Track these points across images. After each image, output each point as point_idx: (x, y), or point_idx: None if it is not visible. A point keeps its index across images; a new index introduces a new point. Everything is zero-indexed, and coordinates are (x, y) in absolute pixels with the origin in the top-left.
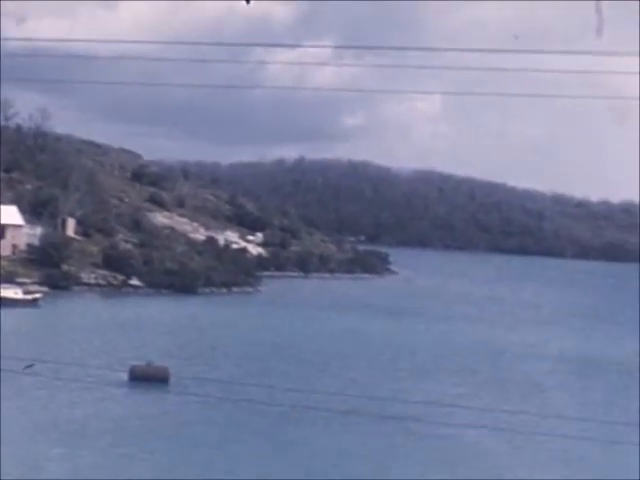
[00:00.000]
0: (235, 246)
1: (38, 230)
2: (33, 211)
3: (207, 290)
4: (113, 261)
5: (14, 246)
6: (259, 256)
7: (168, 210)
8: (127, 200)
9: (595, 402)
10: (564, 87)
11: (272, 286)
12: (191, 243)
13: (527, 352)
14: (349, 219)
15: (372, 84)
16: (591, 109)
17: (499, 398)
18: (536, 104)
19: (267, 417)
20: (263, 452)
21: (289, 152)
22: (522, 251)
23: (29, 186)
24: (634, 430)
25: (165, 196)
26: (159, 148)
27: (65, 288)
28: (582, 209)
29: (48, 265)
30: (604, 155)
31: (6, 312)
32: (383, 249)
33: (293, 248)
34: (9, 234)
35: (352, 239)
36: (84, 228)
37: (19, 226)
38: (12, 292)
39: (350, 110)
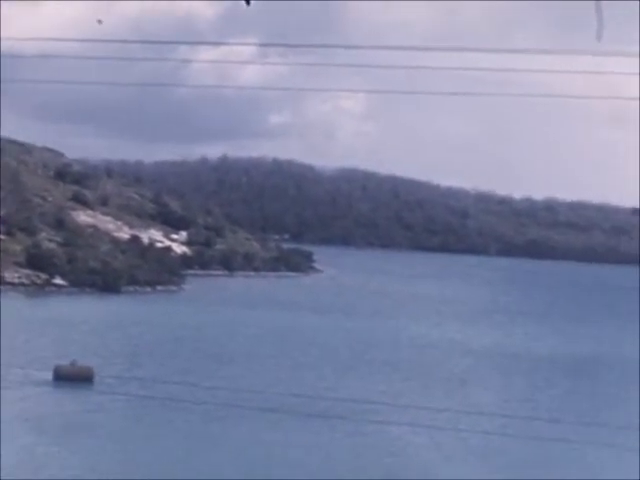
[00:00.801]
0: (159, 245)
1: None
2: None
3: (131, 289)
4: (36, 260)
5: None
6: (183, 255)
7: (92, 209)
8: (50, 199)
9: (516, 398)
10: (487, 85)
11: (196, 285)
12: (115, 242)
13: (451, 348)
14: (273, 217)
15: (297, 82)
16: (514, 107)
17: (423, 394)
18: (460, 102)
19: (191, 415)
20: (186, 449)
21: (213, 150)
22: (445, 249)
23: None
24: (553, 426)
25: (89, 195)
26: (83, 147)
27: None
28: (505, 207)
29: None
30: (527, 153)
31: None
32: (307, 247)
33: (217, 247)
34: None
35: (276, 237)
36: (7, 227)
37: None
38: None
39: (275, 108)
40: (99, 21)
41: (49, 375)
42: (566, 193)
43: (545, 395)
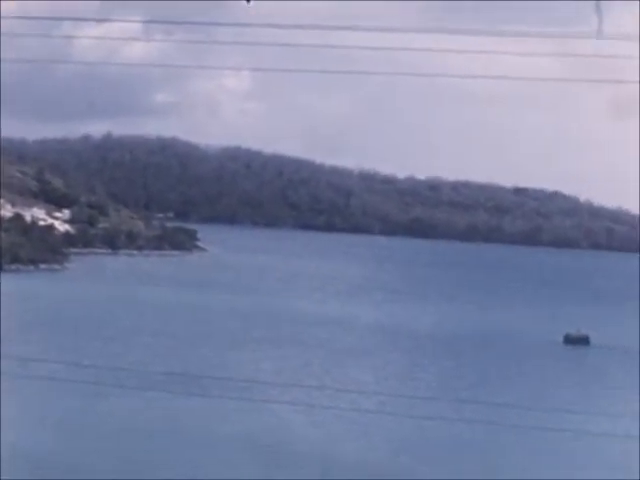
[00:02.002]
0: (42, 223)
1: None
2: None
3: (13, 267)
4: None
5: None
6: (66, 233)
7: None
8: None
9: (396, 376)
10: (371, 64)
11: (80, 263)
12: None
13: (333, 325)
14: (157, 196)
15: (181, 60)
16: (398, 86)
17: (304, 372)
18: (344, 81)
19: (71, 393)
20: (66, 428)
21: (97, 128)
22: (330, 228)
23: None
24: (432, 404)
25: None
26: None
27: None
28: (389, 186)
29: None
30: (411, 132)
31: None
32: (192, 226)
33: (101, 225)
34: None
35: (160, 216)
36: None
37: None
38: None
39: (159, 87)
40: None
41: None
42: (449, 173)
43: (424, 373)
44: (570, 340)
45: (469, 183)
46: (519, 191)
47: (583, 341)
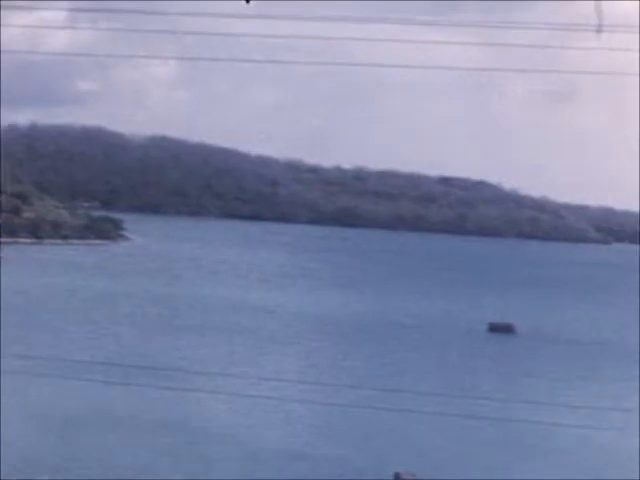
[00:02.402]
0: None
1: None
2: None
3: None
4: None
5: None
6: None
7: None
8: None
9: (320, 364)
10: (296, 54)
11: (4, 253)
12: None
13: (258, 313)
14: (83, 185)
15: (107, 49)
16: (323, 77)
17: (228, 360)
18: (270, 71)
19: None
20: None
21: (22, 118)
22: (256, 217)
23: None
24: (354, 391)
25: None
26: None
27: None
28: (315, 175)
29: None
30: (337, 122)
31: None
32: (117, 215)
33: (25, 214)
34: None
35: (86, 205)
36: None
37: None
38: None
39: (84, 75)
40: None
41: None
42: (375, 162)
43: (349, 361)
44: (495, 328)
45: (394, 172)
46: (444, 180)
47: (507, 329)
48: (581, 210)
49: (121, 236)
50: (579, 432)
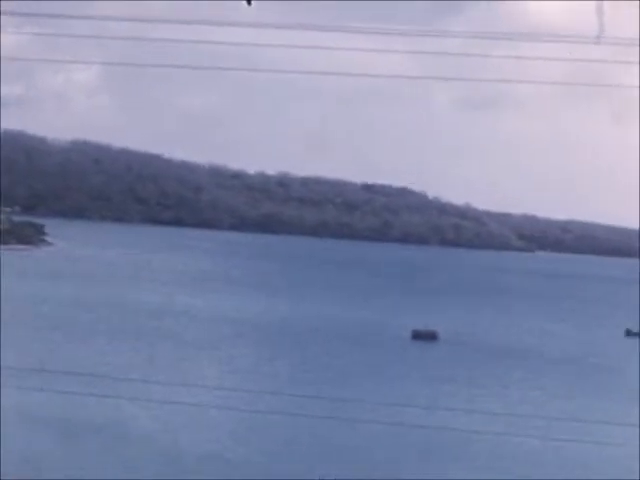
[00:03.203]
0: None
1: None
2: None
3: None
4: None
5: None
6: None
7: None
8: None
9: (241, 369)
10: (221, 59)
11: None
12: None
13: (180, 318)
14: (4, 190)
15: (30, 53)
16: (249, 82)
17: (149, 366)
18: (194, 76)
19: None
20: None
21: None
22: (179, 222)
23: None
24: (273, 398)
25: None
26: None
27: None
28: (239, 181)
29: None
30: (261, 128)
31: None
32: (39, 220)
33: None
34: None
35: (7, 210)
36: None
37: None
38: None
39: (6, 79)
40: None
41: None
42: (299, 169)
43: (269, 367)
44: (418, 335)
45: (318, 179)
46: (368, 187)
47: (431, 336)
48: (504, 217)
49: (43, 241)
50: (499, 439)
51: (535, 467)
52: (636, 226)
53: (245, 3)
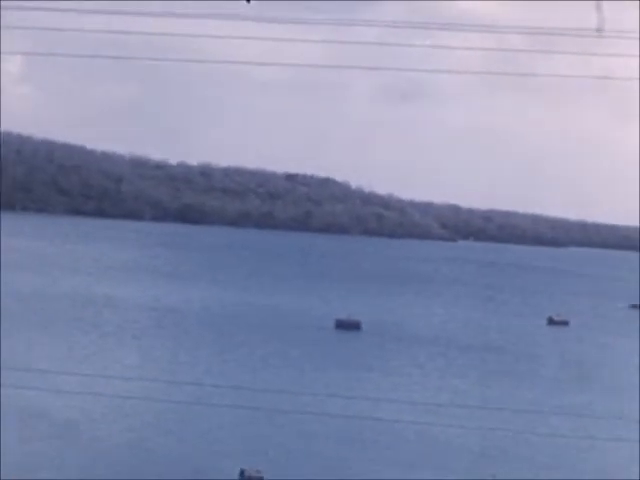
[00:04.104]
0: None
1: None
2: None
3: None
4: None
5: None
6: None
7: None
8: None
9: (162, 359)
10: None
11: None
12: None
13: (103, 307)
14: None
15: None
16: (171, 73)
17: (67, 357)
18: (117, 66)
19: None
20: None
21: None
22: (101, 213)
23: None
24: (195, 388)
25: None
26: None
27: None
28: (161, 172)
29: None
30: (182, 118)
31: None
32: None
33: None
34: None
35: None
36: None
37: None
38: None
39: None
40: None
41: None
42: (221, 159)
43: (190, 357)
44: (341, 325)
45: (241, 169)
46: (290, 177)
47: (354, 326)
48: (426, 207)
49: None
50: (420, 428)
51: (456, 455)
52: (558, 214)
53: (244, 2)
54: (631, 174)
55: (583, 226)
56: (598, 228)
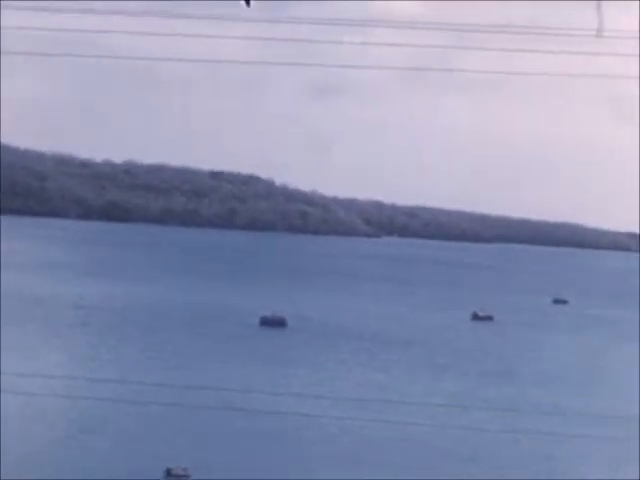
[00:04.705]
0: None
1: None
2: None
3: None
4: None
5: None
6: None
7: None
8: None
9: (84, 356)
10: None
11: None
12: None
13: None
14: None
15: None
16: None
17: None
18: (38, 63)
19: None
20: None
21: None
22: (25, 211)
23: None
24: (121, 386)
25: None
26: None
27: None
28: (86, 169)
29: None
30: (108, 115)
31: None
32: None
33: None
34: None
35: None
36: None
37: None
38: None
39: None
40: None
41: None
42: (145, 156)
43: (113, 354)
44: (266, 322)
45: (165, 166)
46: (215, 175)
47: (279, 323)
48: (350, 203)
49: None
50: (343, 423)
51: (379, 450)
52: (481, 210)
53: (244, 4)
54: (564, 172)
55: (507, 222)
56: (524, 224)
